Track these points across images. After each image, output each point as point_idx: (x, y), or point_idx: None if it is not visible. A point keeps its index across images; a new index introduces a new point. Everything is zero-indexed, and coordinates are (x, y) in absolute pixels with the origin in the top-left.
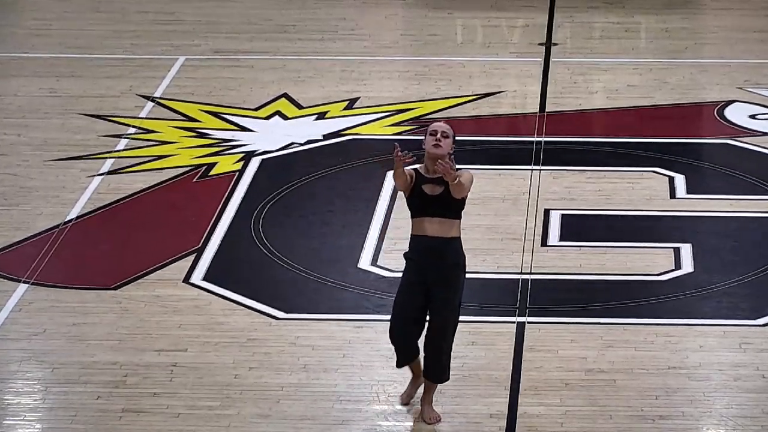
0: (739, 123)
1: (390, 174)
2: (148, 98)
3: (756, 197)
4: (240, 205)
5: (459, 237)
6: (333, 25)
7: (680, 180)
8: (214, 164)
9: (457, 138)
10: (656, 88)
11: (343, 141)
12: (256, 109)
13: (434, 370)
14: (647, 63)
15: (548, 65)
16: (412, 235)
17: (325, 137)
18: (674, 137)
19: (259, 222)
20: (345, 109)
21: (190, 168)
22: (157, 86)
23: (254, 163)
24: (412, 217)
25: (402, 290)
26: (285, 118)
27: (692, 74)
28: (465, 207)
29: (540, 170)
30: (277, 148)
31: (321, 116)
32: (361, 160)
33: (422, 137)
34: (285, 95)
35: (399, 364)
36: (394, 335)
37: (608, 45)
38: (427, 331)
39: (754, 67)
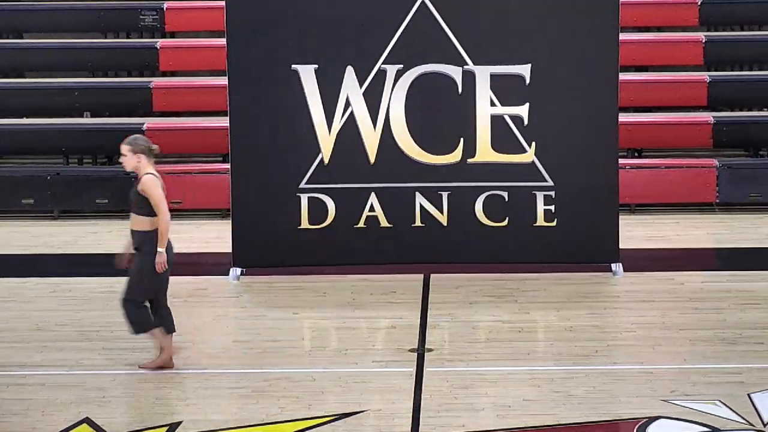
0: None
1: None
2: None
3: None
4: None
5: (144, 230)
6: None
7: None
8: None
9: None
10: (559, 403)
11: None
12: None
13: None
14: (547, 371)
15: (422, 376)
16: None
17: None
18: None
19: None
20: None
21: None
22: None
23: None
24: None
25: None
26: None
27: (604, 384)
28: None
29: None
30: None
31: None
32: None
33: None
34: (87, 420)
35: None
36: None
37: (497, 350)
38: None
39: (681, 374)
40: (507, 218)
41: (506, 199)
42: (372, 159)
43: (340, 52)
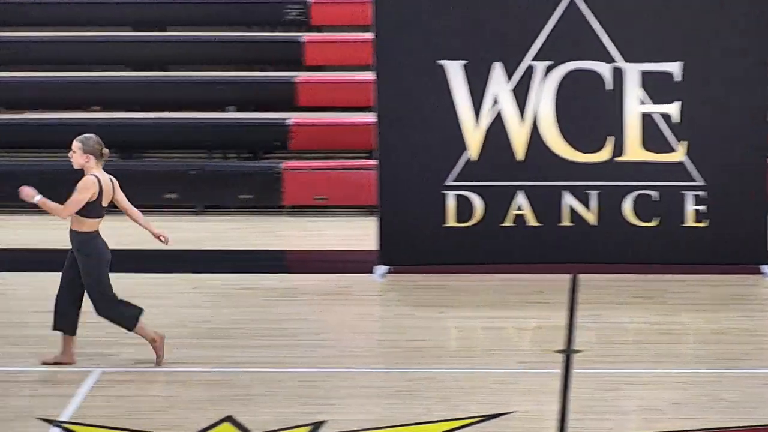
0: None
1: None
2: (51, 422)
3: None
4: None
5: (83, 231)
6: (290, 327)
7: None
8: None
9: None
10: (709, 407)
11: None
12: None
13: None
14: (695, 374)
15: (568, 378)
16: None
17: None
18: None
19: None
20: None
21: None
22: (64, 407)
23: None
24: None
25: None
26: None
27: (755, 388)
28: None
29: None
30: None
31: None
32: None
33: None
34: (229, 419)
35: (54, 327)
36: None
37: (645, 351)
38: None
39: None
40: (656, 218)
41: (655, 199)
42: (520, 156)
43: (488, 48)
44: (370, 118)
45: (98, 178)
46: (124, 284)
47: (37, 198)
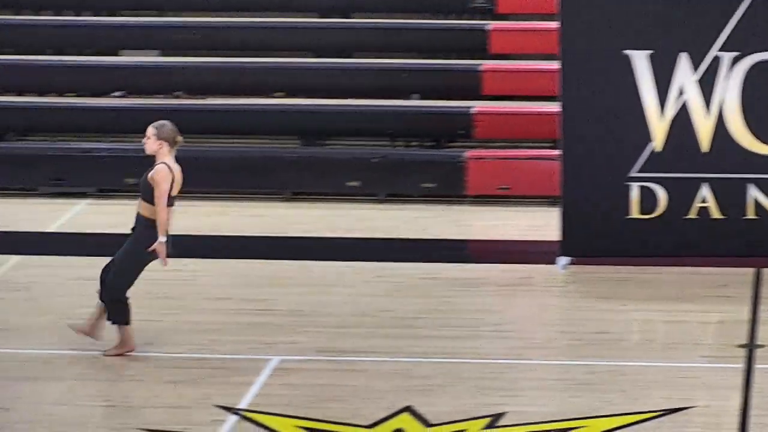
0: None
1: None
2: (230, 410)
3: None
4: None
5: (150, 217)
6: (471, 318)
7: None
8: None
9: None
10: None
11: None
12: (370, 426)
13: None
14: None
15: (750, 373)
16: None
17: None
18: None
19: None
20: (487, 427)
21: None
22: (242, 395)
23: None
24: None
25: None
26: None
27: None
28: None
29: None
30: None
31: None
32: None
33: None
34: (408, 409)
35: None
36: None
37: None
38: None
39: None
40: None
41: None
42: (705, 148)
43: (673, 38)
44: (554, 107)
45: (169, 167)
46: (310, 272)
47: (162, 239)
